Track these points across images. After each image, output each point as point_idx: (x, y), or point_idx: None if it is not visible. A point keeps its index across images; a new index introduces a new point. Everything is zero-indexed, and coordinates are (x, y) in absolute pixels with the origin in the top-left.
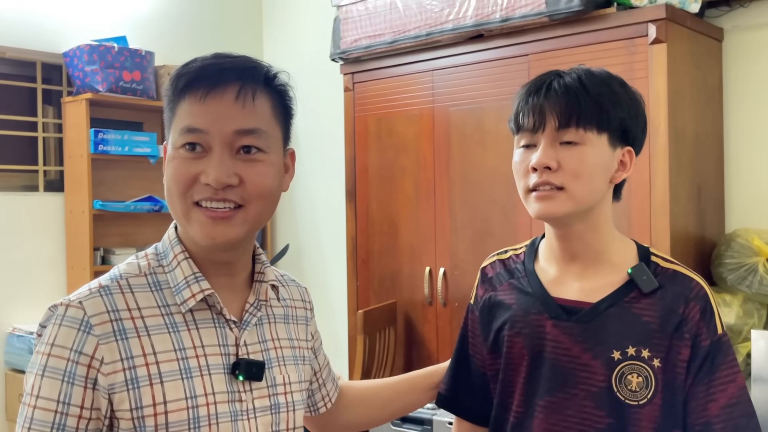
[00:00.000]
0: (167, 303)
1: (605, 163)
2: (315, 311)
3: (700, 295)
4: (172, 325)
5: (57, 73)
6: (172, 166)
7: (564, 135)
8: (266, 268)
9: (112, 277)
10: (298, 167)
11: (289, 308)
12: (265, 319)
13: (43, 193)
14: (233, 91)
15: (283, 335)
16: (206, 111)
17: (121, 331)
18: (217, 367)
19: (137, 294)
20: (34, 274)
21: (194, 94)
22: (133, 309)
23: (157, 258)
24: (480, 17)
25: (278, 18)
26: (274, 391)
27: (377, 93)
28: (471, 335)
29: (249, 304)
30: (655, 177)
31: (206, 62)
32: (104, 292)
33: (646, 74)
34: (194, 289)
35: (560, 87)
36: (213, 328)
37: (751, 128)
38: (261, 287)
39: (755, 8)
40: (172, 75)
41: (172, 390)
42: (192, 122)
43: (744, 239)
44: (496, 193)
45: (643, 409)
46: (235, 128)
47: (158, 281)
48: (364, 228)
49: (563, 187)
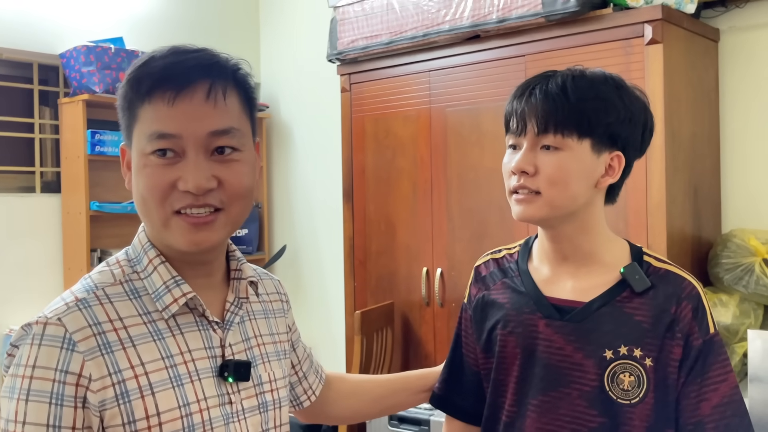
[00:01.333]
0: (148, 310)
1: (586, 169)
2: (312, 312)
3: (692, 294)
4: (156, 333)
5: (54, 74)
6: (145, 175)
7: (543, 139)
8: (242, 265)
9: (87, 288)
10: (295, 168)
11: (266, 303)
12: (246, 317)
13: (40, 195)
14: (203, 90)
15: (264, 331)
16: (176, 114)
17: (106, 344)
18: (206, 371)
19: (116, 304)
20: (31, 275)
21: (161, 97)
22: (115, 320)
23: (130, 264)
24: (477, 18)
25: (275, 19)
26: (261, 389)
27: (374, 94)
28: (464, 334)
29: (229, 303)
30: (652, 178)
31: (168, 60)
32: (82, 305)
33: (642, 75)
34: (175, 294)
35: (541, 92)
36: (197, 331)
37: (747, 129)
38: (240, 285)
39: (751, 9)
40: (128, 76)
41: (165, 400)
42: (162, 127)
43: (740, 239)
44: (493, 193)
45: (635, 408)
46: (208, 130)
47: (135, 288)
48: (362, 229)
49: (539, 191)
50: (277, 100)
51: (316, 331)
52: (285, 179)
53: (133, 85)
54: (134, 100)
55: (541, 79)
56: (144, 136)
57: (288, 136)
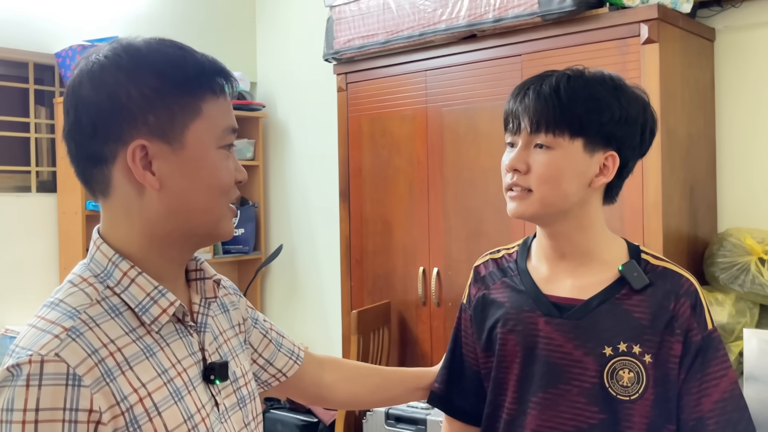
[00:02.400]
0: (132, 327)
1: (578, 168)
2: (309, 312)
3: (690, 291)
4: (146, 350)
5: (49, 73)
6: (224, 168)
7: (536, 138)
8: (202, 264)
9: (69, 313)
10: (292, 168)
11: (221, 297)
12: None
13: (36, 194)
14: (225, 87)
15: (226, 326)
16: (230, 108)
17: (108, 372)
18: (196, 378)
19: (103, 326)
20: (26, 275)
21: (224, 92)
22: (108, 344)
23: (99, 280)
24: (473, 17)
25: (271, 18)
26: (237, 385)
27: (370, 93)
28: (464, 334)
29: (196, 305)
30: (648, 177)
31: (205, 56)
32: (74, 334)
33: (638, 74)
34: (163, 304)
35: (534, 92)
36: (179, 339)
37: (742, 128)
38: (205, 284)
39: (746, 8)
40: (165, 70)
41: (171, 418)
42: (233, 122)
43: (736, 238)
44: (489, 193)
45: (635, 405)
46: (235, 125)
47: (114, 305)
48: (358, 228)
49: (531, 189)
50: (273, 100)
51: (312, 330)
52: (281, 179)
53: (190, 77)
54: (190, 92)
55: (537, 79)
56: (218, 129)
57: (284, 135)
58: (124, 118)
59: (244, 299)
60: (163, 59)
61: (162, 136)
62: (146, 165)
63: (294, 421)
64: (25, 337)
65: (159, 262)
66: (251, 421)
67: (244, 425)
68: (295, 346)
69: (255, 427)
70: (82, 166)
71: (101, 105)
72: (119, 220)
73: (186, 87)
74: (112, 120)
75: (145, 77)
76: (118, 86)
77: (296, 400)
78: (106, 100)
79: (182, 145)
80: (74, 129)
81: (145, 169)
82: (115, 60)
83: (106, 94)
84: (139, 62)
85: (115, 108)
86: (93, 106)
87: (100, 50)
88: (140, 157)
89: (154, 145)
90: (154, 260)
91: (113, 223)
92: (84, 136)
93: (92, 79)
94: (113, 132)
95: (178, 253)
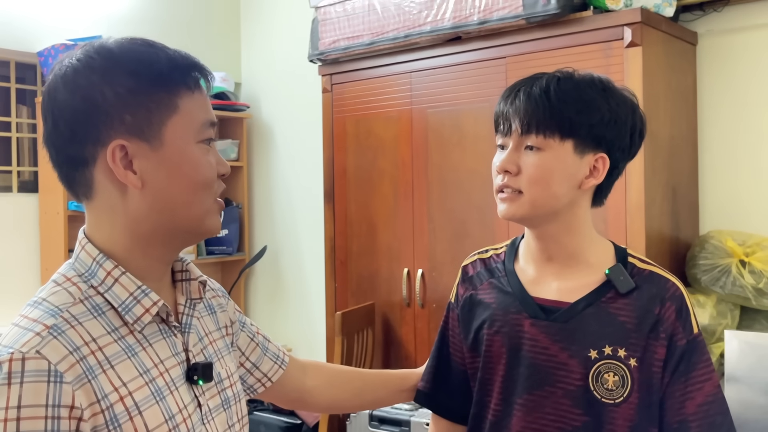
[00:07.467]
0: (115, 326)
1: (567, 170)
2: (293, 313)
3: (675, 295)
4: (128, 349)
5: (31, 72)
6: (206, 162)
7: (527, 140)
8: (188, 265)
9: (50, 312)
10: (276, 168)
11: (208, 299)
12: (196, 316)
13: (17, 194)
14: (200, 81)
15: (212, 327)
16: (207, 102)
17: (89, 369)
18: (179, 379)
19: (85, 324)
20: (7, 275)
21: (200, 86)
22: (90, 342)
23: (83, 280)
24: (458, 20)
25: (256, 18)
26: (222, 386)
27: (355, 94)
28: (451, 333)
29: (182, 305)
30: (631, 179)
31: (178, 52)
32: (56, 332)
33: (622, 77)
34: (146, 304)
35: (524, 94)
36: (162, 339)
37: (724, 131)
38: (191, 285)
39: (728, 13)
40: (140, 68)
41: (152, 417)
42: (212, 116)
43: (718, 241)
44: (473, 194)
45: (619, 408)
46: (214, 119)
47: (97, 305)
48: (343, 229)
49: (521, 191)
50: (257, 100)
51: (296, 331)
52: (266, 179)
53: (164, 74)
54: (164, 89)
55: (527, 81)
56: (196, 124)
57: (269, 136)
58: (100, 119)
59: (232, 302)
60: (135, 58)
61: (140, 134)
62: (127, 164)
63: (277, 423)
64: (7, 336)
65: (143, 262)
66: (236, 423)
67: (228, 426)
68: (280, 350)
69: (240, 429)
70: (64, 170)
71: (77, 108)
72: (103, 220)
73: (160, 84)
74: (88, 122)
75: (118, 77)
76: (92, 88)
77: (279, 404)
78: (82, 102)
79: (161, 142)
80: (53, 134)
81: (126, 169)
82: (88, 62)
83: (80, 96)
84: (112, 62)
85: (90, 110)
86: (69, 109)
87: (73, 54)
88: (120, 157)
89: (133, 144)
90: (138, 260)
91: (98, 223)
92: (63, 141)
93: (66, 83)
94: (91, 134)
95: (163, 251)
